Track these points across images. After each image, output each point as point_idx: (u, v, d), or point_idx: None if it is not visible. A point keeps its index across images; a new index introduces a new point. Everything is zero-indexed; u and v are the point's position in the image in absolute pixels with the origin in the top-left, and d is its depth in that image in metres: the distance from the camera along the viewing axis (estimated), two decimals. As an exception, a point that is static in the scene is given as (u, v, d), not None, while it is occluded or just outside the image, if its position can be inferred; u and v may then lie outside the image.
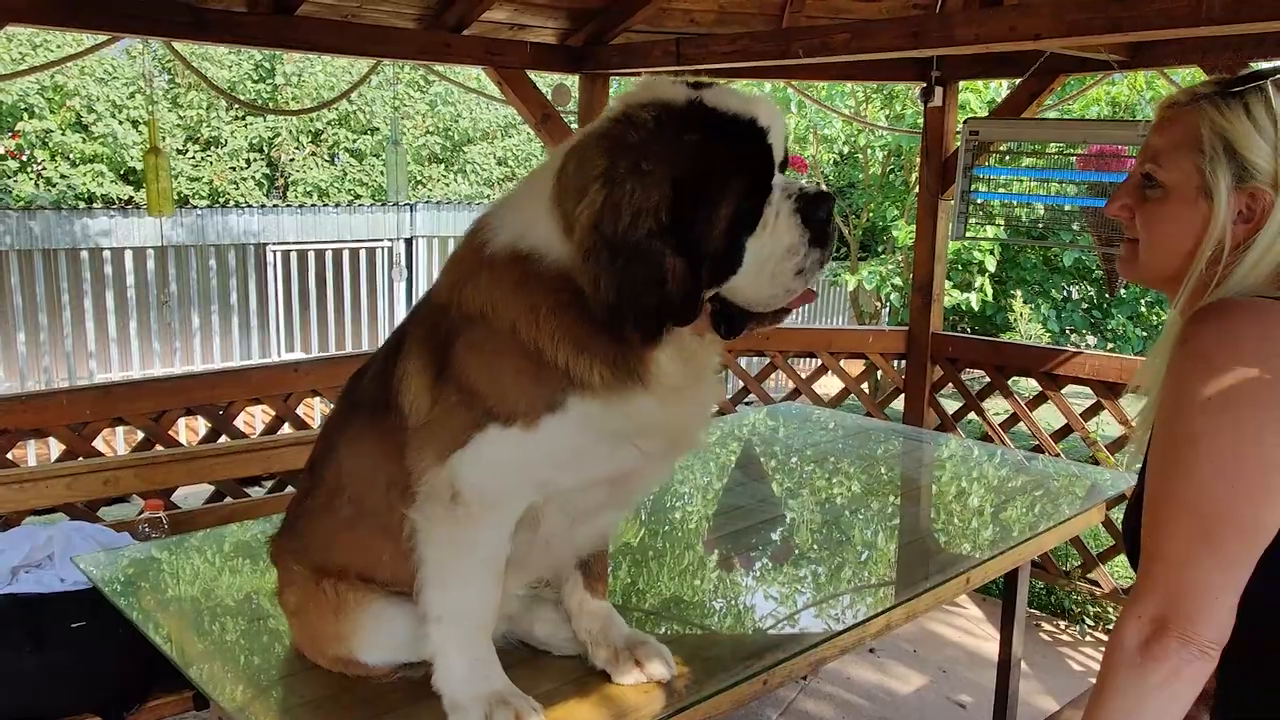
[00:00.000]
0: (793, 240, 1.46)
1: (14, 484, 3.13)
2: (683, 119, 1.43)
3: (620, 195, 1.39)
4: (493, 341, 1.53)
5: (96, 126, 12.98)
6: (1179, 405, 1.31)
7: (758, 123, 1.45)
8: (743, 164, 1.45)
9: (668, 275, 1.41)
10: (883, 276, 9.77)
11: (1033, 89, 4.64)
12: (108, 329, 10.16)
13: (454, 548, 1.58)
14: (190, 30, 3.83)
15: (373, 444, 1.71)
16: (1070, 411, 4.73)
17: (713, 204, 1.43)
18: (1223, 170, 1.38)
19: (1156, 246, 1.47)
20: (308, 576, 1.80)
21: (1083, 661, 4.39)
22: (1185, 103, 1.45)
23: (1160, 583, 1.29)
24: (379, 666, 1.77)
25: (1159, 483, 1.33)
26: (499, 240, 1.55)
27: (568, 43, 4.91)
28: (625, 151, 1.41)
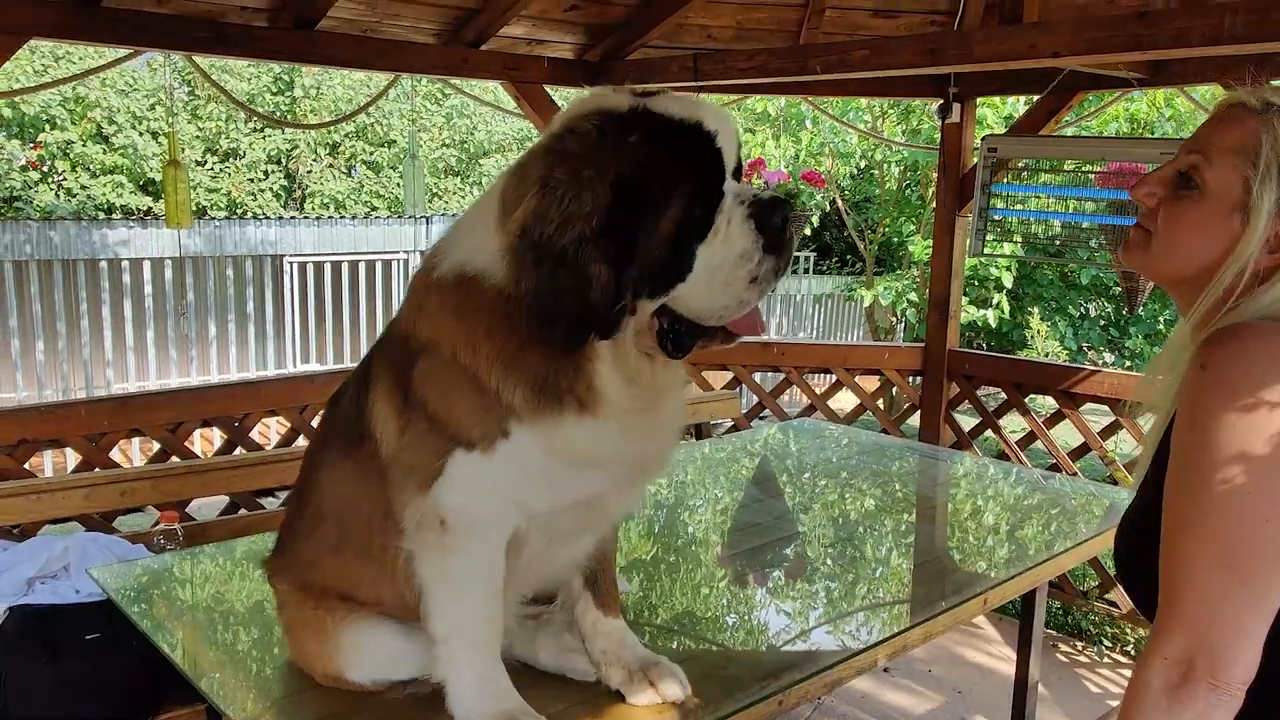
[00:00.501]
0: (745, 246, 1.42)
1: (32, 494, 3.15)
2: (624, 125, 1.41)
3: (551, 201, 1.37)
4: (442, 369, 1.53)
5: (117, 138, 13.10)
6: (1200, 435, 1.26)
7: (704, 126, 1.41)
8: (689, 169, 1.41)
9: (592, 283, 1.38)
10: (898, 292, 9.75)
11: (1051, 106, 4.62)
12: (125, 338, 10.22)
13: (450, 574, 1.59)
14: (212, 45, 3.86)
15: (351, 471, 1.73)
16: (1088, 430, 4.70)
17: (656, 210, 1.39)
18: (1269, 192, 1.32)
19: (1175, 248, 1.41)
20: (296, 596, 1.83)
21: (1100, 683, 4.35)
22: (1255, 108, 1.37)
23: (1185, 620, 1.24)
24: (366, 684, 1.78)
25: (1179, 514, 1.29)
26: (445, 265, 1.55)
27: (585, 58, 4.93)
28: (563, 159, 1.40)
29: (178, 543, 3.02)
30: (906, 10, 4.68)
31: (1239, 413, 1.23)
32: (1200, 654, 1.23)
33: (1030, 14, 3.42)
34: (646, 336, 1.50)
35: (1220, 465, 1.24)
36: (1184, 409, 1.31)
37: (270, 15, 3.97)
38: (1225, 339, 1.29)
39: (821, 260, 15.99)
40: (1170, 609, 1.27)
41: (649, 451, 1.63)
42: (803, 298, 14.57)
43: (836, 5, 4.68)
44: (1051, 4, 4.05)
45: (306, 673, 1.84)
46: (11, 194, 12.59)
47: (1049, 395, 4.92)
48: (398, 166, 14.92)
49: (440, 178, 15.66)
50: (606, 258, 1.37)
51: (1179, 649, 1.24)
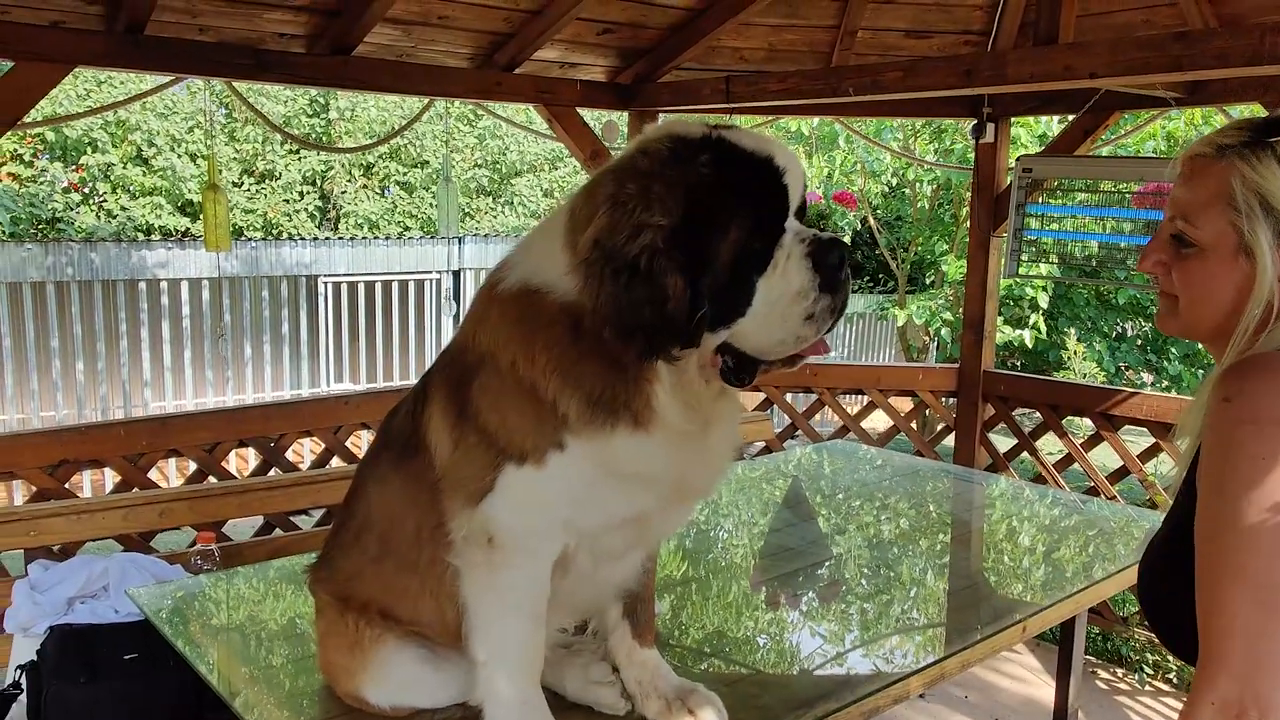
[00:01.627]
0: (803, 283, 1.43)
1: (72, 514, 3.19)
2: (696, 148, 1.44)
3: (623, 214, 1.40)
4: (498, 380, 1.54)
5: (156, 160, 13.32)
6: (1229, 471, 1.24)
7: (774, 161, 1.45)
8: (755, 199, 1.44)
9: (669, 294, 1.39)
10: (932, 311, 9.68)
11: (1087, 125, 4.59)
12: (163, 358, 10.37)
13: (495, 592, 1.60)
14: (251, 71, 3.93)
15: (400, 484, 1.74)
16: (1127, 453, 4.63)
17: (721, 233, 1.41)
18: (1262, 228, 1.30)
19: (1197, 305, 1.40)
20: (334, 607, 1.84)
21: (1141, 711, 4.26)
22: (1211, 155, 1.37)
23: (1229, 663, 1.22)
24: (384, 708, 1.79)
25: (1214, 552, 1.26)
26: (511, 278, 1.57)
27: (617, 80, 4.96)
28: (634, 176, 1.43)
29: (215, 563, 3.05)
30: (940, 31, 4.67)
31: (1267, 447, 1.21)
32: (1249, 695, 1.20)
33: (1066, 34, 3.38)
34: (707, 365, 1.52)
35: (1251, 502, 1.21)
36: (1210, 443, 1.29)
37: (308, 41, 4.03)
38: (1248, 371, 1.27)
39: (853, 279, 15.92)
40: (1212, 652, 1.24)
41: (698, 474, 1.64)
42: (835, 317, 14.47)
43: (869, 26, 4.68)
44: (1087, 24, 4.03)
45: (338, 694, 1.85)
46: (54, 216, 12.84)
47: (1087, 417, 4.85)
48: (431, 187, 15.05)
49: (473, 198, 15.79)
50: (680, 269, 1.40)
51: (1227, 694, 1.21)
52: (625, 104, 5.01)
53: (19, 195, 12.41)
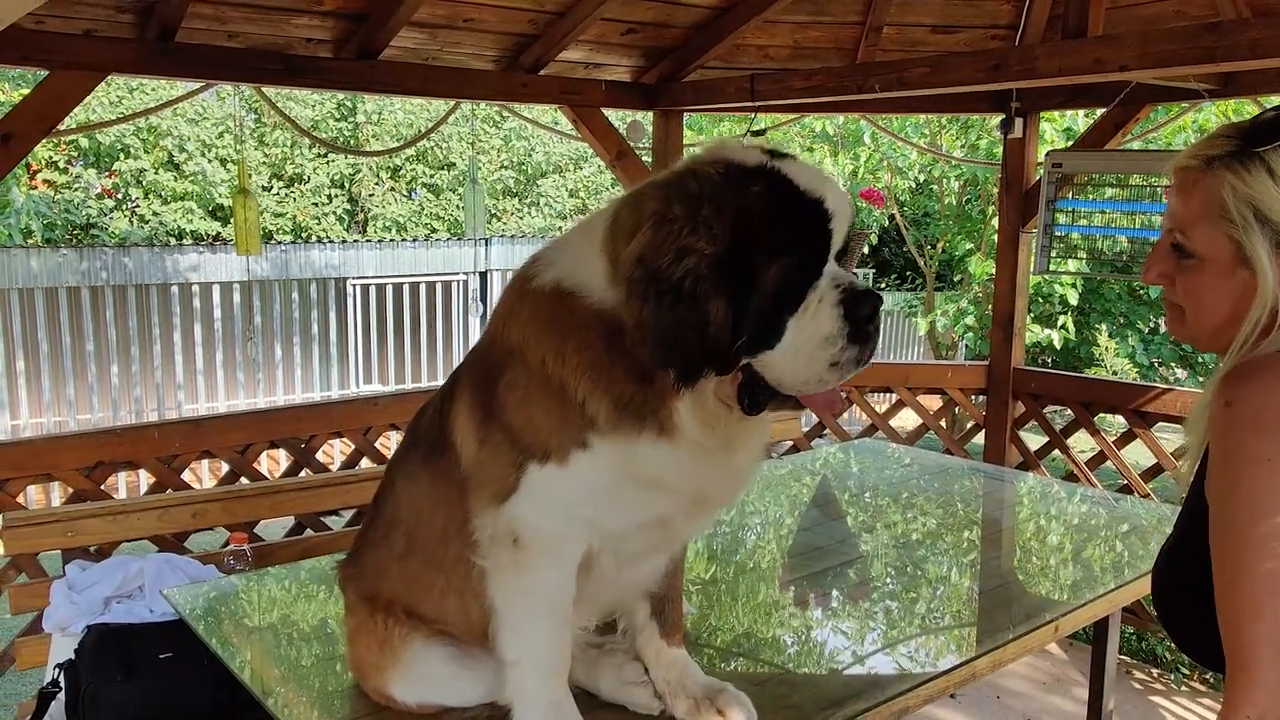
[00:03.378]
0: (832, 330, 1.43)
1: (109, 515, 3.24)
2: (750, 177, 1.43)
3: (669, 234, 1.39)
4: (526, 378, 1.55)
5: (187, 165, 13.50)
6: (1236, 475, 1.23)
7: (824, 204, 1.44)
8: (801, 238, 1.43)
9: (710, 319, 1.40)
10: (960, 310, 9.61)
11: (1118, 119, 4.53)
12: (195, 361, 10.51)
13: (522, 594, 1.61)
14: (281, 76, 3.97)
15: (427, 481, 1.76)
16: (1161, 450, 4.57)
17: (764, 267, 1.41)
18: (1258, 238, 1.29)
19: (1203, 313, 1.39)
20: (362, 605, 1.86)
21: (1177, 712, 4.20)
22: (1199, 167, 1.35)
23: (1259, 674, 1.21)
24: (410, 705, 1.80)
25: (1231, 561, 1.25)
26: (545, 276, 1.57)
27: (642, 80, 4.96)
28: (682, 197, 1.42)
29: (248, 563, 3.08)
30: (966, 26, 4.64)
31: (1270, 448, 1.20)
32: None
33: (1095, 27, 3.34)
34: (726, 386, 1.51)
35: (1261, 506, 1.21)
36: (1215, 451, 1.28)
37: (335, 46, 4.07)
38: (1248, 374, 1.26)
39: (881, 276, 15.83)
40: (1243, 663, 1.23)
41: (718, 486, 1.64)
42: (862, 315, 14.40)
43: (895, 22, 4.65)
44: (1117, 16, 3.98)
45: (367, 690, 1.86)
46: (88, 221, 13.04)
47: (1119, 414, 4.80)
48: (458, 189, 15.15)
49: (499, 199, 15.87)
50: (723, 296, 1.40)
51: (1260, 706, 1.21)
52: (650, 104, 5.01)
53: (54, 202, 12.61)
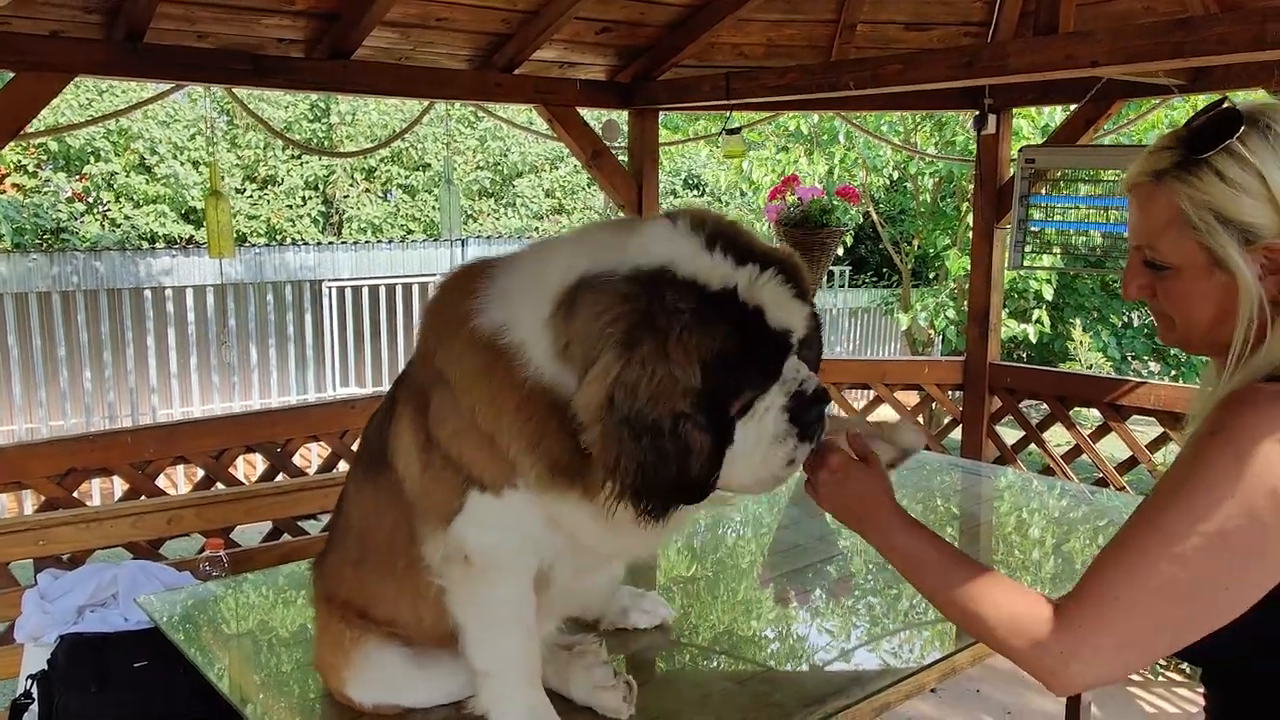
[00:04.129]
0: (778, 432, 1.44)
1: (81, 524, 3.20)
2: (719, 313, 1.37)
3: (640, 375, 1.34)
4: (456, 416, 1.54)
5: (159, 168, 13.36)
6: (1193, 480, 1.25)
7: (791, 336, 1.43)
8: (767, 369, 1.43)
9: (693, 454, 1.38)
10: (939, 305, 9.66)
11: (1089, 115, 4.57)
12: (169, 366, 10.40)
13: (482, 606, 1.61)
14: (251, 77, 3.93)
15: (372, 492, 1.77)
16: (1136, 443, 4.61)
17: (734, 397, 1.41)
18: (1225, 239, 1.28)
19: (1191, 318, 1.37)
20: (323, 605, 1.88)
21: (1154, 703, 4.25)
22: (1150, 181, 1.34)
23: (1097, 623, 1.26)
24: (366, 705, 1.80)
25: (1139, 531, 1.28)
26: (484, 320, 1.51)
27: (617, 79, 4.95)
28: (650, 331, 1.35)
29: (223, 569, 3.05)
30: (939, 23, 4.66)
31: (1240, 484, 1.20)
32: (1085, 651, 1.27)
33: (1066, 23, 3.37)
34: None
35: (1195, 514, 1.22)
36: (1185, 457, 1.29)
37: (307, 46, 4.04)
38: (1241, 406, 1.25)
39: (857, 274, 15.91)
40: (1086, 604, 1.28)
41: (640, 542, 1.65)
42: (839, 312, 14.49)
43: (868, 20, 4.66)
44: (1087, 13, 4.01)
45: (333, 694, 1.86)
46: (58, 225, 12.88)
47: (1094, 408, 4.84)
48: (433, 190, 15.08)
49: (475, 200, 15.81)
50: (705, 430, 1.38)
51: (1069, 646, 1.27)
52: (625, 103, 5.00)
53: (23, 206, 12.45)
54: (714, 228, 1.44)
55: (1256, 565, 1.22)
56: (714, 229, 1.44)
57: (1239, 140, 1.27)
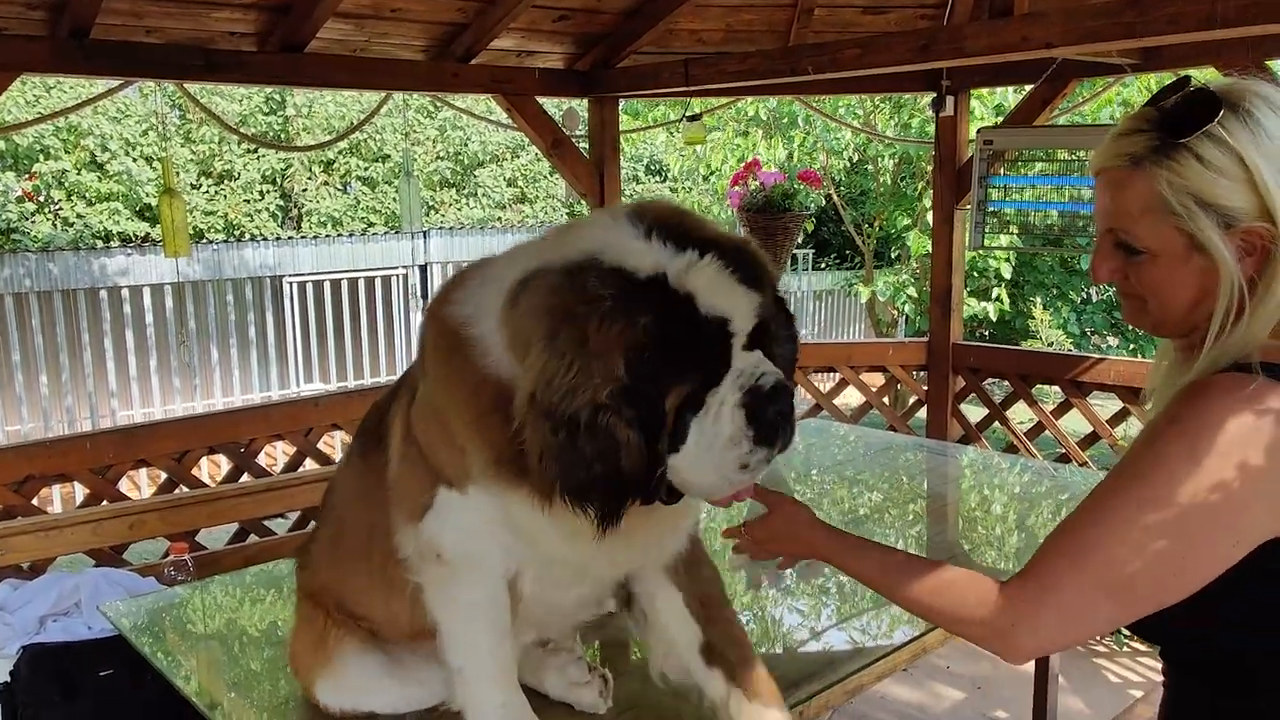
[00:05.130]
0: (734, 432, 1.33)
1: (40, 531, 3.14)
2: (644, 301, 1.29)
3: (557, 366, 1.29)
4: (426, 405, 1.55)
5: (111, 165, 13.10)
6: (1147, 466, 1.27)
7: (728, 324, 1.32)
8: (700, 361, 1.33)
9: (620, 449, 1.29)
10: (897, 286, 9.74)
11: (1045, 95, 4.61)
12: (128, 367, 10.22)
13: (455, 606, 1.60)
14: (202, 72, 3.86)
15: (358, 478, 1.77)
16: (1096, 418, 4.68)
17: (664, 390, 1.32)
18: (1205, 224, 1.27)
19: (1168, 302, 1.36)
20: (305, 599, 1.87)
21: (1119, 673, 4.33)
22: (1126, 166, 1.33)
23: (1049, 597, 1.30)
24: (332, 708, 1.79)
25: (1093, 514, 1.30)
26: (456, 310, 1.50)
27: (575, 67, 4.92)
28: (569, 320, 1.29)
29: (189, 573, 3.00)
30: (896, 6, 4.67)
31: (1192, 474, 1.23)
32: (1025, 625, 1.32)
33: (1021, 5, 3.39)
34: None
35: (1145, 499, 1.25)
36: (1144, 445, 1.30)
37: (258, 39, 3.97)
38: (1196, 398, 1.27)
39: (820, 256, 15.98)
40: (1040, 579, 1.32)
41: (604, 561, 1.58)
42: (803, 295, 14.56)
43: (826, 4, 4.67)
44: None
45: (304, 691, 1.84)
46: (8, 226, 12.60)
47: (1055, 385, 4.90)
48: (393, 181, 14.92)
49: (436, 190, 15.67)
50: (631, 423, 1.30)
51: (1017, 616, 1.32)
52: (584, 91, 4.98)
53: (-29, 207, 12.17)
54: (656, 217, 1.36)
55: (1205, 551, 1.24)
56: (656, 218, 1.36)
57: (1218, 123, 1.26)
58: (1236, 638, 1.32)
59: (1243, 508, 1.22)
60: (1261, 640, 1.31)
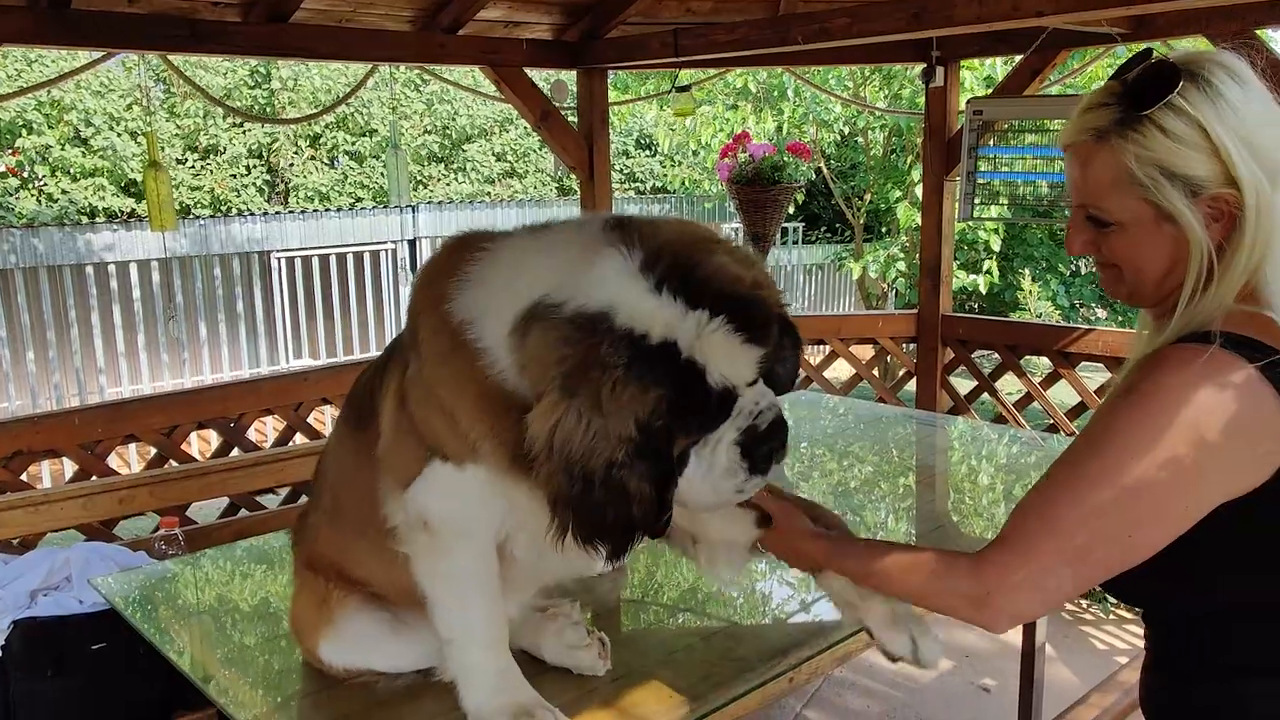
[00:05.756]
0: (730, 465, 1.42)
1: (30, 507, 3.13)
2: (657, 371, 1.32)
3: (576, 423, 1.33)
4: (423, 384, 1.55)
5: (95, 140, 12.96)
6: (1107, 438, 1.29)
7: (734, 391, 1.38)
8: (705, 422, 1.40)
9: (633, 500, 1.37)
10: (888, 259, 9.73)
11: (1035, 66, 4.60)
12: (116, 344, 10.17)
13: (443, 576, 1.61)
14: (186, 43, 3.81)
15: (352, 447, 1.78)
16: (1084, 389, 4.70)
17: (671, 444, 1.39)
18: (1172, 193, 1.30)
19: (1142, 271, 1.39)
20: (303, 564, 1.88)
21: (1106, 640, 4.37)
22: (1092, 140, 1.35)
23: (1017, 572, 1.33)
24: (337, 667, 1.80)
25: (1058, 483, 1.34)
26: (458, 304, 1.50)
27: (564, 38, 4.88)
28: (586, 381, 1.32)
29: (180, 548, 3.01)
30: (886, -25, 4.63)
31: (1148, 442, 1.26)
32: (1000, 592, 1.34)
33: (1011, -27, 3.38)
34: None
35: (1112, 482, 1.28)
36: (1103, 416, 1.33)
37: (243, 9, 3.92)
38: (1153, 370, 1.29)
39: (810, 230, 15.96)
40: (1013, 545, 1.35)
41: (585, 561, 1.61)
42: (793, 268, 14.55)
43: (815, -27, 4.63)
44: (1032, -38, 4.01)
45: (316, 674, 1.84)
46: (-8, 202, 12.49)
47: (1044, 356, 4.92)
48: (380, 155, 14.81)
49: (424, 165, 15.56)
50: (643, 477, 1.36)
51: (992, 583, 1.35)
52: (573, 62, 4.94)
53: (-47, 183, 12.04)
54: (670, 263, 1.35)
55: (1153, 520, 1.28)
56: (670, 265, 1.35)
57: (1179, 94, 1.28)
58: (1205, 595, 1.35)
59: (1193, 478, 1.25)
60: (1231, 596, 1.34)
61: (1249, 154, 1.27)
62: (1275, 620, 1.34)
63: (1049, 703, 3.17)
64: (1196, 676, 1.40)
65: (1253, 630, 1.34)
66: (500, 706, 1.61)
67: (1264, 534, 1.29)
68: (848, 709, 3.83)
